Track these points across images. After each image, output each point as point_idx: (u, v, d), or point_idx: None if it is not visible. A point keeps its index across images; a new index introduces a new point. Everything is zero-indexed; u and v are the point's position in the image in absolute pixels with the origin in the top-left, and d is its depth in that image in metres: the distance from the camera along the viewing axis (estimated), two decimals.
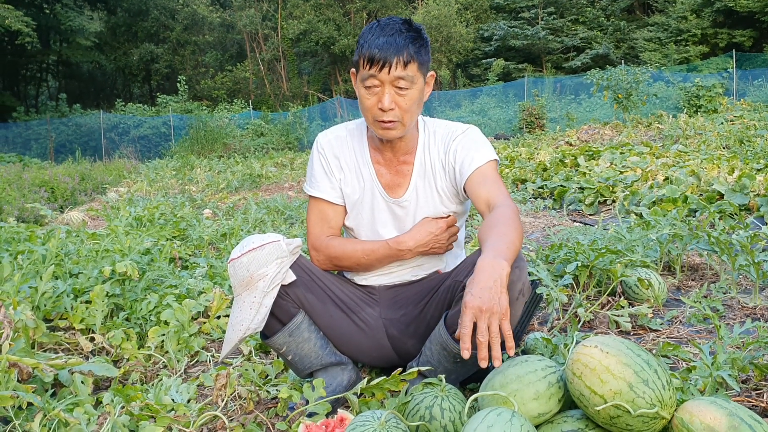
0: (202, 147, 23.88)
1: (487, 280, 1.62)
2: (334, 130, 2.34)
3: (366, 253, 2.21)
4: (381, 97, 2.01)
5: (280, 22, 38.07)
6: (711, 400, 1.51)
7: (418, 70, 2.02)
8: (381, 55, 1.96)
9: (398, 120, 2.04)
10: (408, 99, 2.02)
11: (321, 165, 2.28)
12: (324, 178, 2.27)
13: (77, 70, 43.40)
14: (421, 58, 2.02)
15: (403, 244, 2.15)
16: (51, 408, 1.97)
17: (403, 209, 2.23)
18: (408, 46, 1.98)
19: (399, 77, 1.98)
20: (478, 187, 2.06)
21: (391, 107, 2.01)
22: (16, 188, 10.12)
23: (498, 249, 1.72)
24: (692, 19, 30.00)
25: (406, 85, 2.00)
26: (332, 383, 2.20)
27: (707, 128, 12.64)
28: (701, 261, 3.75)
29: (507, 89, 28.17)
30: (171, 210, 6.87)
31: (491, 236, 1.80)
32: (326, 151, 2.27)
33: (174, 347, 2.78)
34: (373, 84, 2.01)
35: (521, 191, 7.67)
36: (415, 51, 2.00)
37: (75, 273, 3.46)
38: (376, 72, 1.98)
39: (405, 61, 1.97)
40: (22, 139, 29.28)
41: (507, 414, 1.52)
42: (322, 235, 2.27)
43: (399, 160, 2.23)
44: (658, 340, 2.61)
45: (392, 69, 1.97)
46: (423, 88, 2.09)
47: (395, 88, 2.00)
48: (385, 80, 1.99)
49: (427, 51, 2.07)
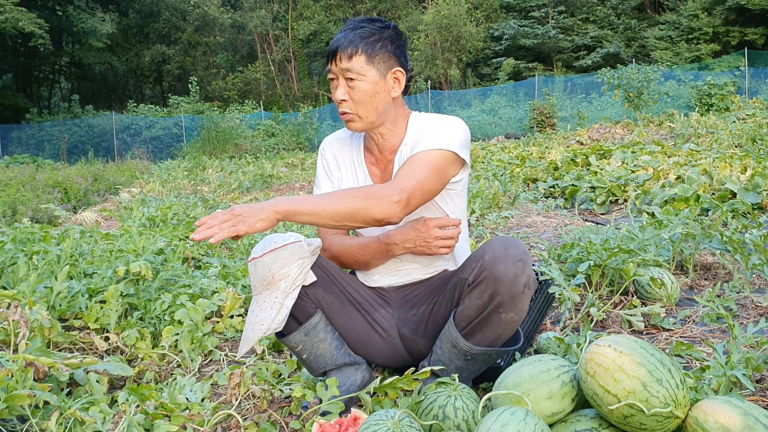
0: (214, 147, 23.99)
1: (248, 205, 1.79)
2: (338, 133, 2.41)
3: (361, 248, 2.23)
4: (336, 88, 2.11)
5: (291, 23, 38.18)
6: (725, 400, 1.51)
7: (366, 63, 2.05)
8: (332, 48, 2.08)
9: (353, 112, 2.10)
10: (358, 92, 2.07)
11: (322, 166, 2.36)
12: (325, 178, 2.34)
13: (89, 72, 43.65)
14: (370, 51, 2.05)
15: (390, 238, 2.14)
16: (67, 407, 1.99)
17: None
18: (357, 39, 2.05)
19: (345, 69, 2.05)
20: (403, 165, 2.03)
21: (342, 98, 2.08)
22: (30, 189, 10.20)
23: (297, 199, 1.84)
24: (704, 17, 29.81)
25: (352, 77, 2.05)
26: (346, 382, 2.21)
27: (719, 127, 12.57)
28: (714, 260, 3.73)
29: (517, 88, 28.10)
30: (183, 210, 6.91)
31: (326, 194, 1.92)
32: (326, 152, 2.35)
33: (188, 346, 2.80)
34: (332, 77, 2.11)
35: (532, 190, 7.65)
36: (365, 45, 2.05)
37: (89, 273, 3.49)
38: (331, 65, 2.09)
39: (349, 54, 2.04)
40: (35, 141, 29.51)
41: (521, 413, 1.53)
42: (327, 233, 2.32)
43: (386, 159, 2.24)
44: (671, 340, 2.60)
45: (338, 61, 2.06)
46: (379, 83, 2.08)
47: (345, 80, 2.07)
48: (338, 73, 2.08)
49: (387, 46, 2.08)
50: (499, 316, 1.93)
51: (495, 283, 1.89)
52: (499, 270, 1.88)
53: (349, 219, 1.86)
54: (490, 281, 1.89)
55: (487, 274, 1.90)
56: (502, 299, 1.90)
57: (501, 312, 1.92)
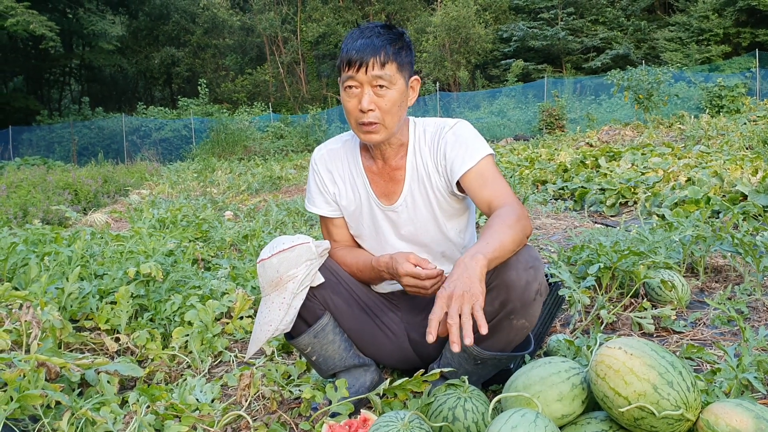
0: (223, 149, 24.06)
1: (460, 273, 1.65)
2: (329, 144, 2.35)
3: (359, 268, 2.23)
4: (361, 98, 2.01)
5: (300, 25, 38.26)
6: (737, 403, 1.50)
7: (397, 71, 2.02)
8: (358, 56, 1.98)
9: (379, 122, 2.03)
10: (387, 100, 2.01)
11: (315, 181, 2.31)
12: (318, 194, 2.30)
13: (99, 74, 43.87)
14: (400, 60, 2.02)
15: (380, 264, 2.10)
16: (78, 407, 2.00)
17: (397, 214, 2.22)
18: (385, 46, 1.99)
19: (377, 76, 1.98)
20: (479, 189, 2.02)
21: (370, 108, 2.00)
22: (41, 190, 10.26)
23: (479, 247, 1.73)
24: (714, 19, 29.67)
25: (384, 84, 2.00)
26: (355, 384, 2.21)
27: (730, 129, 12.50)
28: (725, 263, 3.71)
29: (526, 90, 28.05)
30: (193, 212, 6.93)
31: (482, 237, 1.81)
32: (319, 166, 2.30)
33: (198, 347, 2.81)
34: (352, 85, 2.02)
35: (542, 192, 7.64)
36: (394, 52, 2.00)
37: (100, 274, 3.51)
38: (354, 73, 1.99)
39: (382, 61, 1.98)
40: (45, 142, 29.69)
41: (531, 415, 1.53)
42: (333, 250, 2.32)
43: (391, 167, 2.21)
44: (682, 342, 2.59)
45: (369, 69, 1.98)
46: (405, 92, 2.07)
47: (374, 89, 2.00)
48: (364, 81, 2.00)
49: (409, 54, 2.07)
50: (510, 322, 1.92)
51: (506, 290, 1.87)
52: (511, 277, 1.86)
53: (519, 245, 1.86)
54: (501, 288, 1.88)
55: (499, 281, 1.88)
56: (514, 306, 1.88)
57: (512, 318, 1.91)
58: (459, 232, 2.27)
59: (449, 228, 2.24)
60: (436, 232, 2.23)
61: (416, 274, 1.94)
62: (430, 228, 2.22)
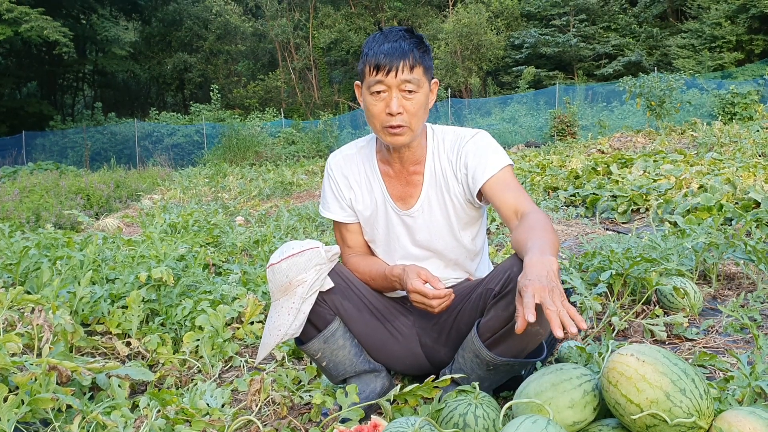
0: (235, 155, 24.14)
1: (540, 270, 1.62)
2: (344, 150, 2.37)
3: (372, 277, 2.24)
4: (389, 101, 2.03)
5: (312, 31, 38.38)
6: (750, 410, 1.49)
7: (423, 75, 2.06)
8: (387, 60, 2.00)
9: (406, 125, 2.06)
10: (415, 103, 2.05)
11: (330, 187, 2.32)
12: (333, 199, 2.31)
13: (112, 80, 44.20)
14: (425, 63, 2.06)
15: (394, 275, 2.12)
16: (89, 411, 2.01)
17: (413, 219, 2.23)
18: (413, 50, 2.02)
19: (406, 80, 2.01)
20: (502, 195, 2.04)
21: (399, 111, 2.03)
22: (53, 195, 10.33)
23: (542, 247, 1.72)
24: (727, 26, 29.51)
25: (413, 89, 2.03)
26: (365, 390, 2.20)
27: (743, 136, 12.43)
28: (738, 270, 3.69)
29: (538, 97, 28.01)
30: (204, 217, 6.95)
31: (531, 238, 1.79)
32: (335, 171, 2.31)
33: (208, 352, 2.81)
34: (380, 89, 2.04)
35: (553, 199, 7.61)
36: (420, 56, 2.04)
37: (112, 278, 3.52)
38: (383, 77, 2.01)
39: (411, 64, 2.01)
40: (58, 147, 29.90)
41: (542, 422, 1.52)
42: (343, 255, 2.34)
43: (409, 171, 2.23)
44: (694, 350, 2.57)
45: (399, 73, 2.00)
46: (428, 94, 2.11)
47: (402, 92, 2.03)
48: (393, 85, 2.02)
49: (430, 58, 2.11)
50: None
51: None
52: None
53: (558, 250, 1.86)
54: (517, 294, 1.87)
55: (514, 287, 1.86)
56: None
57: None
58: (472, 240, 2.28)
59: (463, 235, 2.25)
60: (450, 238, 2.24)
61: (424, 292, 1.95)
62: (445, 234, 2.23)
